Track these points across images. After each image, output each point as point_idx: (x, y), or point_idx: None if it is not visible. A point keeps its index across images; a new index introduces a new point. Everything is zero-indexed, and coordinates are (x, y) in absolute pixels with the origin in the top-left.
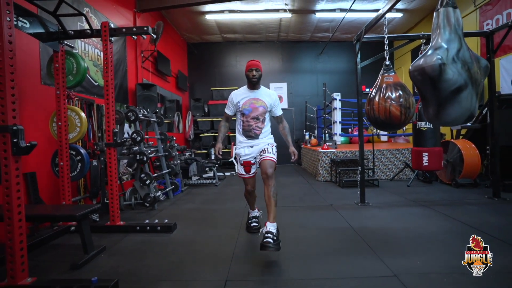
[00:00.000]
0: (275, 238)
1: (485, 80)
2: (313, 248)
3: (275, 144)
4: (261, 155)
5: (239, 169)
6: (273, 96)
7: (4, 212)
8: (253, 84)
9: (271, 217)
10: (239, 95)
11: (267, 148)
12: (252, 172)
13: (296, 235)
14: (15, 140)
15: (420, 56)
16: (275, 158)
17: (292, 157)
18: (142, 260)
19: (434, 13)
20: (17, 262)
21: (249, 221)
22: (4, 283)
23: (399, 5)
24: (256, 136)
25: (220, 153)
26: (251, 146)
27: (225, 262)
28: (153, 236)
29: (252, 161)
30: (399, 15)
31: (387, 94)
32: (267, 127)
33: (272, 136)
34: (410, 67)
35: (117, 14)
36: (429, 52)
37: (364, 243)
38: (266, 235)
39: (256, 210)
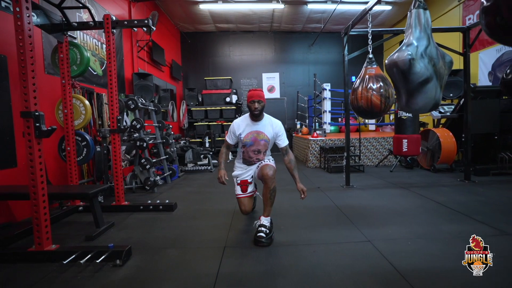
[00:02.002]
0: (267, 231)
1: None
2: (301, 222)
3: (273, 160)
4: (258, 166)
5: (236, 189)
6: (277, 126)
7: (30, 188)
8: (256, 116)
9: (266, 213)
10: (241, 126)
11: (265, 160)
12: (248, 191)
13: (287, 211)
14: (37, 124)
15: (395, 51)
16: (274, 165)
17: (302, 195)
18: (148, 233)
19: (408, 13)
20: (42, 231)
21: None
22: (32, 249)
23: None
24: (255, 164)
25: (226, 177)
26: (248, 168)
27: (223, 233)
28: (156, 214)
29: (249, 180)
30: (388, 7)
31: (369, 85)
32: (267, 157)
33: (271, 157)
34: (385, 61)
35: (112, 3)
36: (403, 48)
37: (345, 217)
38: (259, 228)
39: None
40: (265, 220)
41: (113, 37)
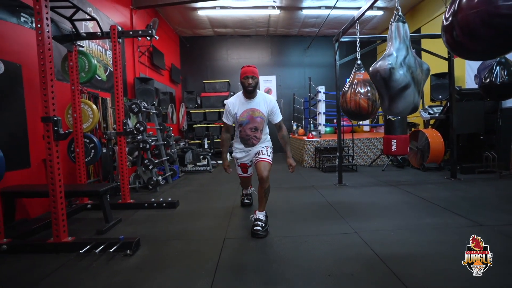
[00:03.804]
0: (263, 225)
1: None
2: (295, 216)
3: (272, 146)
4: (256, 157)
5: (237, 169)
6: (271, 102)
7: (49, 186)
8: (249, 93)
9: (261, 208)
10: (236, 105)
11: (262, 150)
12: (249, 172)
13: (282, 207)
14: (56, 128)
15: (377, 60)
16: (271, 160)
17: (290, 169)
18: (154, 227)
19: (389, 25)
20: (60, 224)
21: (243, 197)
22: (51, 241)
23: (379, 4)
24: (253, 145)
25: (231, 170)
26: (247, 152)
27: (222, 227)
28: (160, 211)
29: (249, 164)
30: (380, 12)
31: (357, 89)
32: (265, 135)
33: (269, 139)
34: (370, 69)
35: (115, 11)
36: (384, 58)
37: (336, 212)
38: (256, 222)
39: (249, 187)
40: (260, 215)
41: (119, 46)
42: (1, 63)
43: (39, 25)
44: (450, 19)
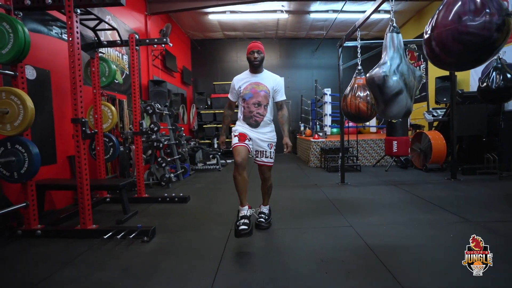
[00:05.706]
0: (267, 217)
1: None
2: (295, 211)
3: (275, 141)
4: (260, 157)
5: (233, 140)
6: (277, 79)
7: (77, 179)
8: (255, 68)
9: (265, 202)
10: (241, 80)
11: (265, 152)
12: (245, 142)
13: (284, 203)
14: (83, 128)
15: (373, 68)
16: (273, 162)
17: (285, 149)
18: (167, 219)
19: (384, 35)
20: (86, 213)
21: (238, 223)
22: (78, 228)
23: (385, 7)
24: (257, 124)
25: (224, 146)
26: (251, 132)
27: (229, 220)
28: (172, 205)
29: (249, 137)
30: (387, 16)
31: (357, 93)
32: (269, 115)
33: (273, 128)
34: (366, 76)
35: (131, 18)
36: (379, 66)
37: (335, 208)
38: (260, 215)
39: (247, 207)
40: (264, 208)
41: (136, 53)
42: (34, 70)
43: (70, 38)
44: (429, 33)
